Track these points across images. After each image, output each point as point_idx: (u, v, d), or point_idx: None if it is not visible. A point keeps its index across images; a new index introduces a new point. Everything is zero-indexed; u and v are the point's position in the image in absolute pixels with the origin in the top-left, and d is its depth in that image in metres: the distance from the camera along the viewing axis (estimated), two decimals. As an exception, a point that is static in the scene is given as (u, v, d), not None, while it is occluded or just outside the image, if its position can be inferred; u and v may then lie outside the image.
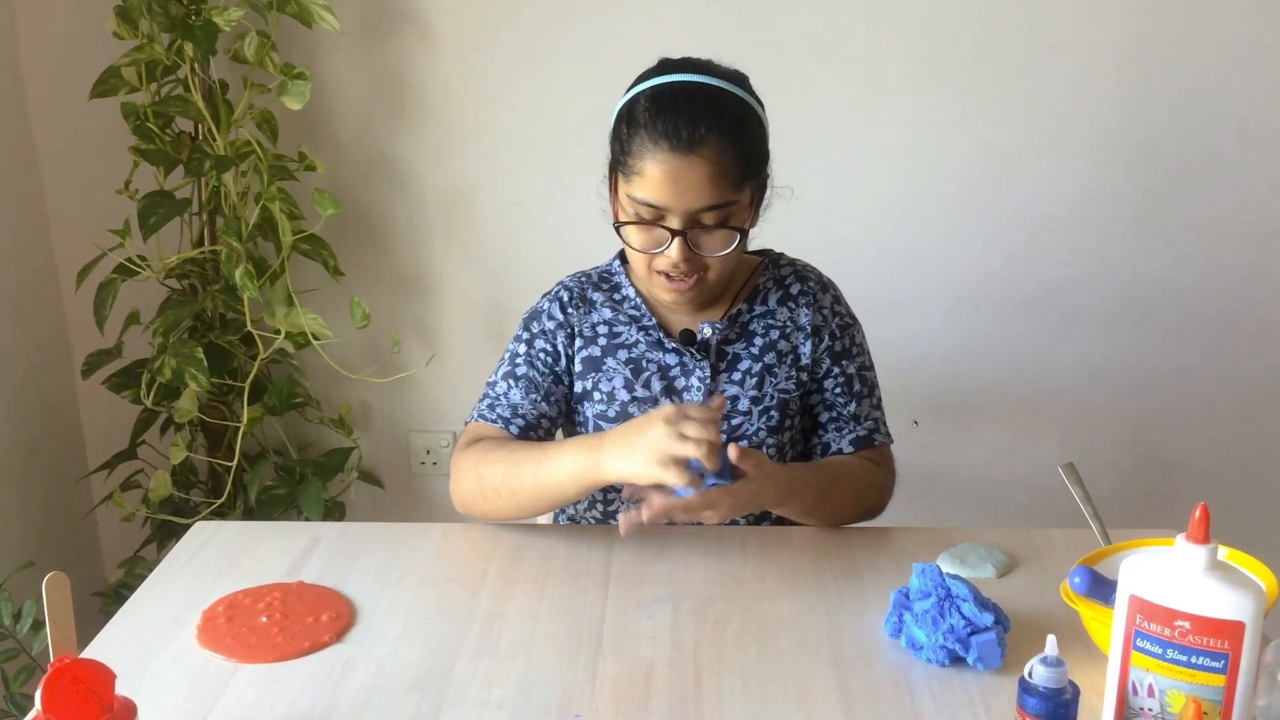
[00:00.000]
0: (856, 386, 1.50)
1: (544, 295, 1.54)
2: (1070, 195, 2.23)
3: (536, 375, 1.48)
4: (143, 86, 2.04)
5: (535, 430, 1.46)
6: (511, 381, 1.48)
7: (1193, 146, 2.20)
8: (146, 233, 2.03)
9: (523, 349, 1.49)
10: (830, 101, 2.20)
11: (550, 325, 1.50)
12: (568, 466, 1.31)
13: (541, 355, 1.48)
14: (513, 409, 1.46)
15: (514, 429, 1.44)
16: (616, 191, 1.41)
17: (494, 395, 1.48)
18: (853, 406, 1.49)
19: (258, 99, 2.12)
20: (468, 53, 2.21)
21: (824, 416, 1.50)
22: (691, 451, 1.19)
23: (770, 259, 1.54)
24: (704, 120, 1.32)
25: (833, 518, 1.43)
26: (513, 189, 2.28)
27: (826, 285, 1.53)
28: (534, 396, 1.46)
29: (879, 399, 1.53)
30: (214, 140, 2.07)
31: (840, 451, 1.48)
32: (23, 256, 2.26)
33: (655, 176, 1.33)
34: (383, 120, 2.26)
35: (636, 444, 1.23)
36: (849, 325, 1.52)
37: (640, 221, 1.37)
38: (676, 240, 1.35)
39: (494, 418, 1.46)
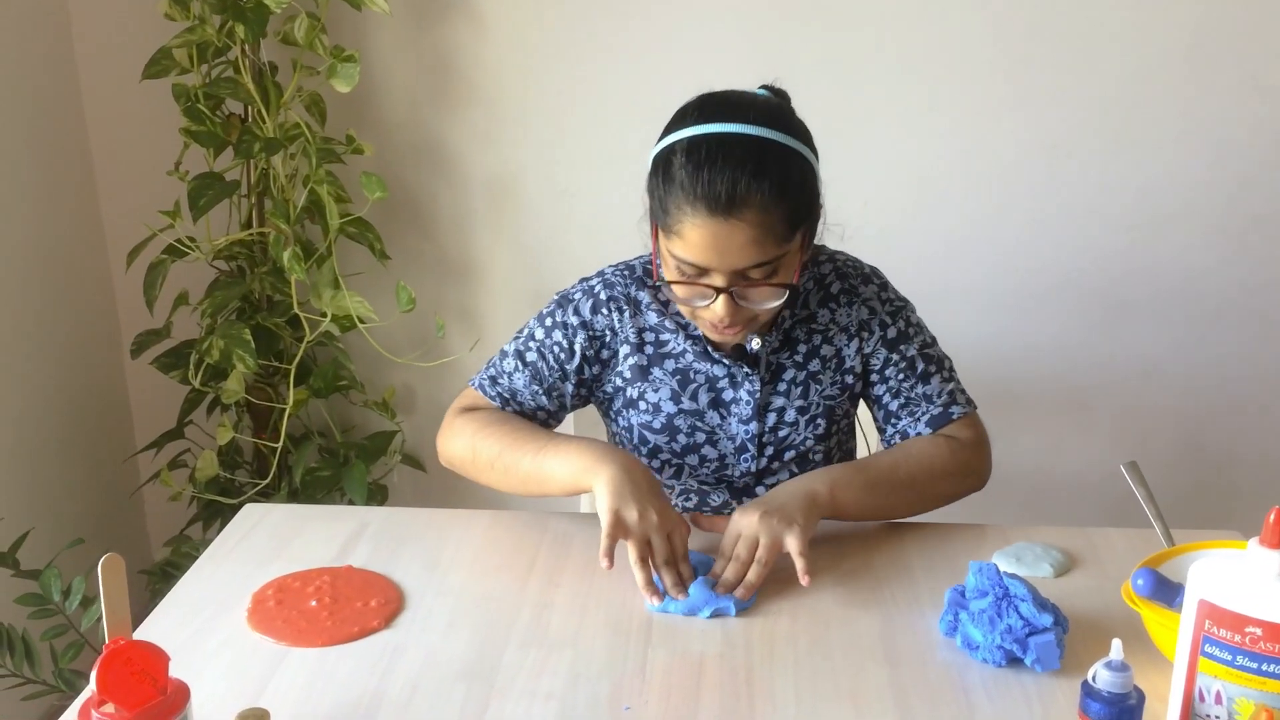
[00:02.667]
0: (921, 366, 1.44)
1: (581, 281, 1.48)
2: (1127, 187, 2.19)
3: (544, 368, 1.45)
4: (194, 68, 2.04)
5: (531, 418, 1.46)
6: (519, 363, 1.45)
7: (1253, 138, 2.15)
8: (196, 214, 2.04)
9: (540, 334, 1.45)
10: (883, 89, 2.16)
11: (574, 321, 1.44)
12: (563, 470, 1.32)
13: (555, 349, 1.44)
14: (512, 393, 1.45)
15: (510, 410, 1.46)
16: (658, 237, 1.34)
17: (499, 370, 1.47)
18: (921, 387, 1.43)
19: (307, 81, 2.12)
20: (517, 37, 2.19)
21: (894, 404, 1.44)
22: (635, 551, 1.23)
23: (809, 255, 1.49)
24: (744, 179, 1.23)
25: (906, 507, 1.40)
26: (560, 176, 2.27)
27: (868, 276, 1.47)
28: (535, 388, 1.45)
29: (950, 370, 1.46)
30: (263, 122, 2.07)
31: (919, 435, 1.43)
32: (74, 236, 2.28)
33: (696, 240, 1.25)
34: (431, 104, 2.25)
35: (623, 499, 1.24)
36: (900, 308, 1.46)
37: (684, 281, 1.30)
38: (722, 298, 1.28)
39: (493, 394, 1.46)
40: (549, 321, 1.45)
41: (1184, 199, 2.19)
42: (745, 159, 1.24)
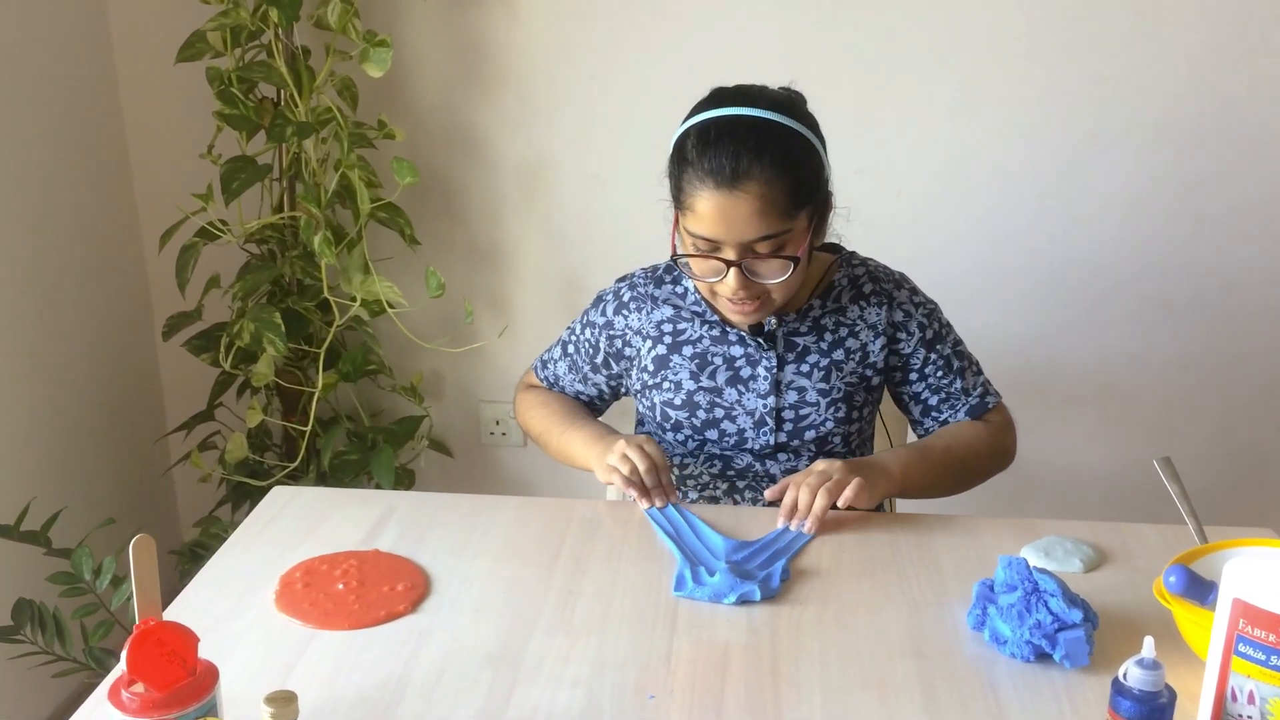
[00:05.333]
0: (956, 364, 1.54)
1: (617, 281, 1.59)
2: (1168, 180, 2.16)
3: (579, 359, 1.61)
4: (227, 51, 2.05)
5: (577, 399, 1.65)
6: (563, 352, 1.64)
7: (1295, 131, 2.11)
8: (228, 197, 2.05)
9: (579, 328, 1.61)
10: (922, 80, 2.14)
11: (600, 321, 1.57)
12: (578, 451, 1.52)
13: (585, 345, 1.60)
14: (556, 378, 1.66)
15: (556, 390, 1.66)
16: (677, 222, 1.44)
17: (550, 355, 1.66)
18: (959, 382, 1.54)
19: (339, 66, 2.12)
20: (550, 23, 2.19)
21: (934, 399, 1.54)
22: (622, 473, 1.40)
23: (843, 257, 1.55)
24: (747, 154, 1.33)
25: (953, 486, 1.51)
26: (590, 162, 2.26)
27: (900, 281, 1.55)
28: (572, 376, 1.63)
29: (978, 366, 1.57)
30: (296, 106, 2.08)
31: (959, 421, 1.54)
32: (108, 219, 2.29)
33: (705, 212, 1.35)
34: (462, 89, 2.25)
35: (602, 453, 1.44)
36: (932, 310, 1.55)
37: (698, 254, 1.39)
38: (732, 270, 1.37)
39: (542, 376, 1.68)
40: (585, 319, 1.60)
41: (1225, 194, 2.16)
42: (748, 137, 1.34)
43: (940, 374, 1.52)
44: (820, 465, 1.38)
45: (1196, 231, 2.18)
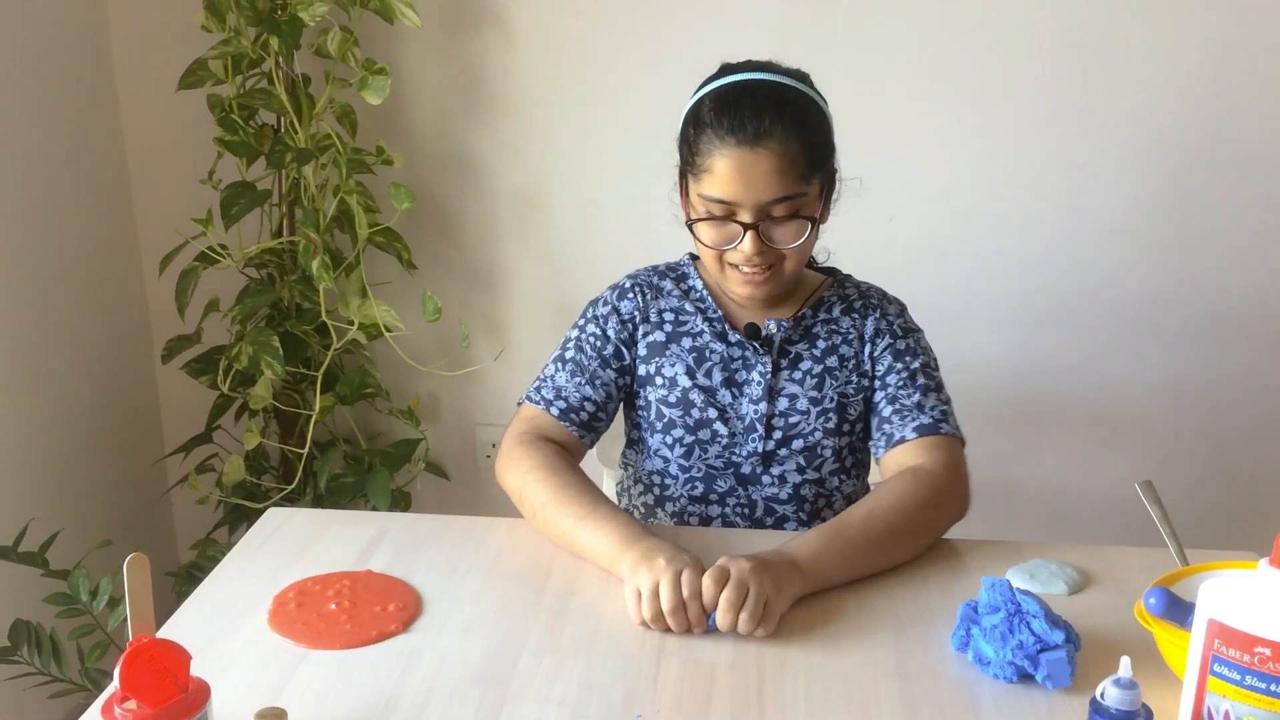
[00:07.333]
0: (920, 380, 1.47)
1: (609, 286, 1.57)
2: (1156, 205, 2.18)
3: (583, 359, 1.51)
4: (228, 79, 2.08)
5: (578, 413, 1.49)
6: (560, 365, 1.52)
7: (1283, 158, 2.14)
8: (228, 222, 2.07)
9: (575, 333, 1.54)
10: (908, 105, 2.17)
11: (604, 310, 1.53)
12: (598, 548, 1.30)
13: (591, 340, 1.52)
14: (557, 391, 1.49)
15: (555, 410, 1.48)
16: (687, 194, 1.45)
17: (544, 377, 1.52)
18: (917, 397, 1.45)
19: (339, 93, 2.15)
20: (546, 50, 2.22)
21: (887, 410, 1.46)
22: (654, 623, 1.20)
23: (837, 279, 1.57)
24: (768, 114, 1.35)
25: (897, 554, 1.33)
26: (586, 187, 2.29)
27: (891, 300, 1.56)
28: (579, 380, 1.49)
29: (947, 398, 1.48)
30: (295, 133, 2.10)
31: (904, 439, 1.42)
32: (108, 243, 2.32)
33: (724, 172, 1.36)
34: (460, 116, 2.28)
35: (642, 577, 1.21)
36: (912, 330, 1.53)
37: (712, 218, 1.39)
38: (749, 234, 1.37)
39: (539, 399, 1.50)
40: (581, 321, 1.55)
41: (1214, 220, 2.18)
42: (768, 98, 1.37)
43: (900, 384, 1.46)
44: (734, 574, 1.19)
45: (1187, 258, 2.20)
